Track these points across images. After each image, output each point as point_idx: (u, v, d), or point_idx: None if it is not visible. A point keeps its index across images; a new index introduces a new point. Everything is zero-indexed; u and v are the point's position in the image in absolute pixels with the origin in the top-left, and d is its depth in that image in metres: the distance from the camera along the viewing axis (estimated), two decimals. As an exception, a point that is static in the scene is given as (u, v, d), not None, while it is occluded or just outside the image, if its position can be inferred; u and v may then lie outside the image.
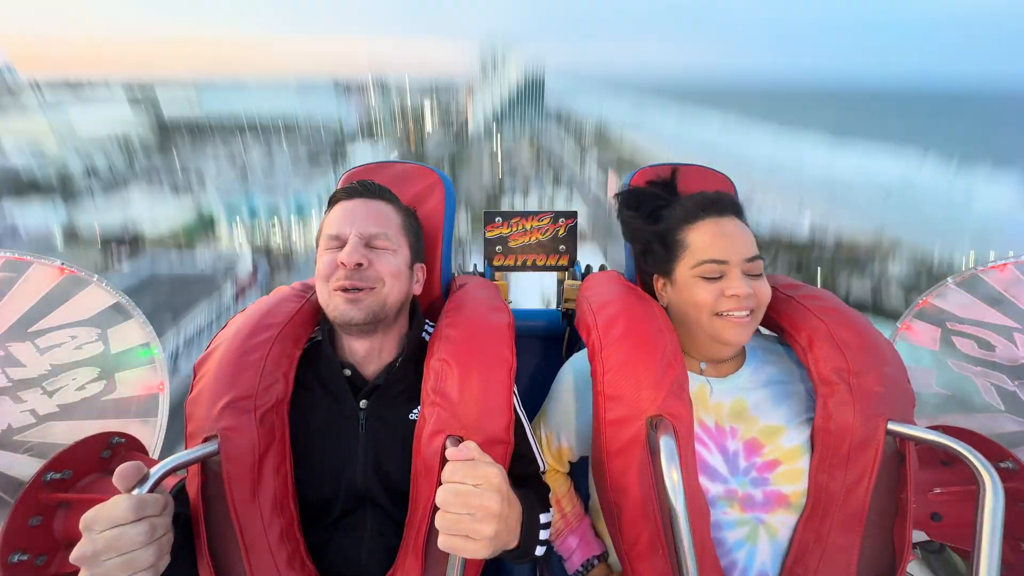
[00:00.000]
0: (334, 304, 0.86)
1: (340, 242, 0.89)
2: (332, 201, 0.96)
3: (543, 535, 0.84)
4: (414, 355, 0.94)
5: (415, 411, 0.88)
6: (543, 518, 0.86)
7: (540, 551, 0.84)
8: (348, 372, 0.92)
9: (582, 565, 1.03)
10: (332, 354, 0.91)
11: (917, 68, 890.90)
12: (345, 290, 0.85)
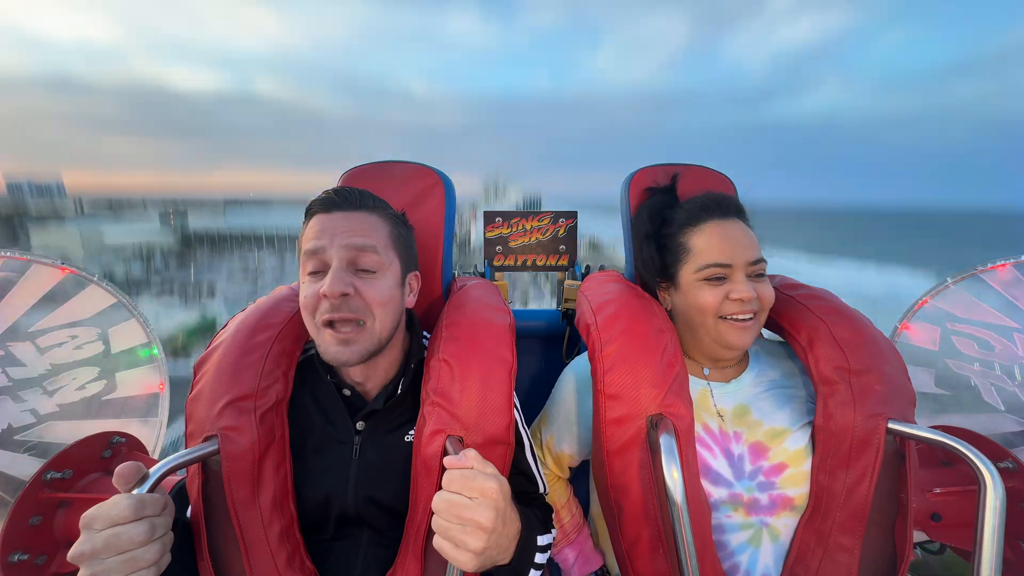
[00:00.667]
0: (325, 346, 0.80)
1: (320, 261, 0.80)
2: (308, 212, 0.85)
3: (539, 559, 0.82)
4: (414, 380, 0.90)
5: (411, 433, 0.86)
6: (542, 540, 0.84)
7: (535, 575, 0.81)
8: (347, 392, 0.89)
9: None
10: (326, 373, 0.88)
11: (894, 192, 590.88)
12: (332, 324, 0.79)
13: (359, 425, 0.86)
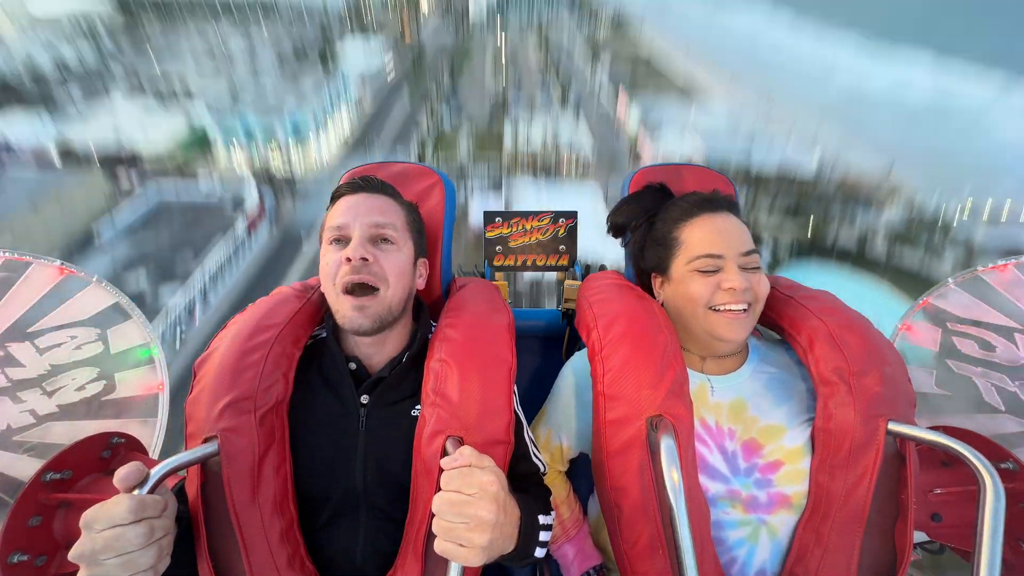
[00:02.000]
0: (343, 312, 0.87)
1: (343, 235, 0.89)
2: (335, 196, 0.96)
3: (543, 536, 0.84)
4: (420, 353, 0.94)
5: (417, 407, 0.88)
6: (543, 519, 0.86)
7: (540, 553, 0.83)
8: (353, 366, 0.92)
9: None
10: (337, 348, 0.91)
11: None
12: (351, 291, 0.86)
13: (364, 399, 0.89)
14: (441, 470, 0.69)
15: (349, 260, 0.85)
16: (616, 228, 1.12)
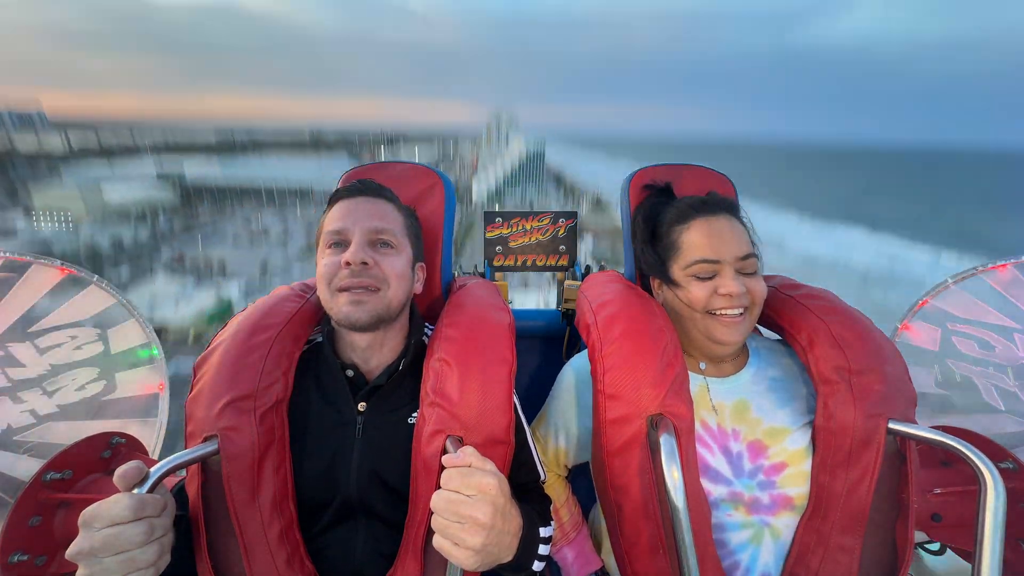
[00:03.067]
0: (338, 306, 0.86)
1: (342, 238, 0.88)
2: (333, 199, 0.95)
3: (543, 550, 0.83)
4: (415, 358, 0.93)
5: (414, 415, 0.88)
6: (543, 532, 0.85)
7: (539, 567, 0.82)
8: (350, 373, 0.91)
9: None
10: (333, 355, 0.91)
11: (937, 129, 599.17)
12: (349, 289, 0.85)
13: (361, 407, 0.88)
14: (442, 468, 0.69)
15: (348, 264, 0.84)
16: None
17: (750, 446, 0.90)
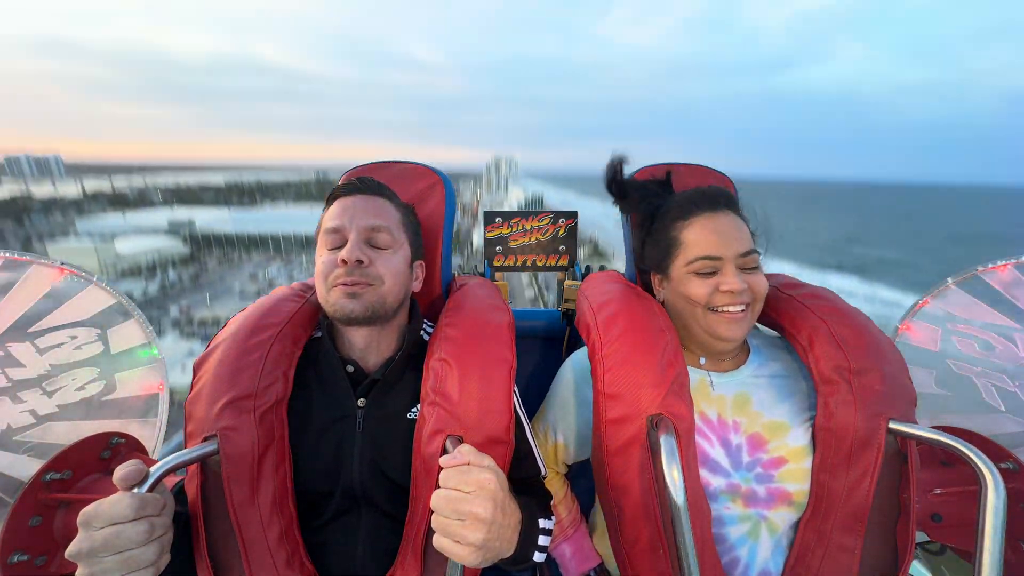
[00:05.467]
0: (333, 300, 0.86)
1: (340, 237, 0.89)
2: (331, 198, 0.95)
3: (543, 541, 0.83)
4: (413, 352, 0.94)
5: (414, 409, 0.88)
6: (543, 523, 0.85)
7: (539, 557, 0.82)
8: (351, 368, 0.92)
9: None
10: (333, 349, 0.91)
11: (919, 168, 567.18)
12: (345, 285, 0.85)
13: (360, 402, 0.88)
14: (440, 468, 0.69)
15: (345, 262, 0.85)
16: (619, 190, 1.05)
17: (750, 439, 0.90)
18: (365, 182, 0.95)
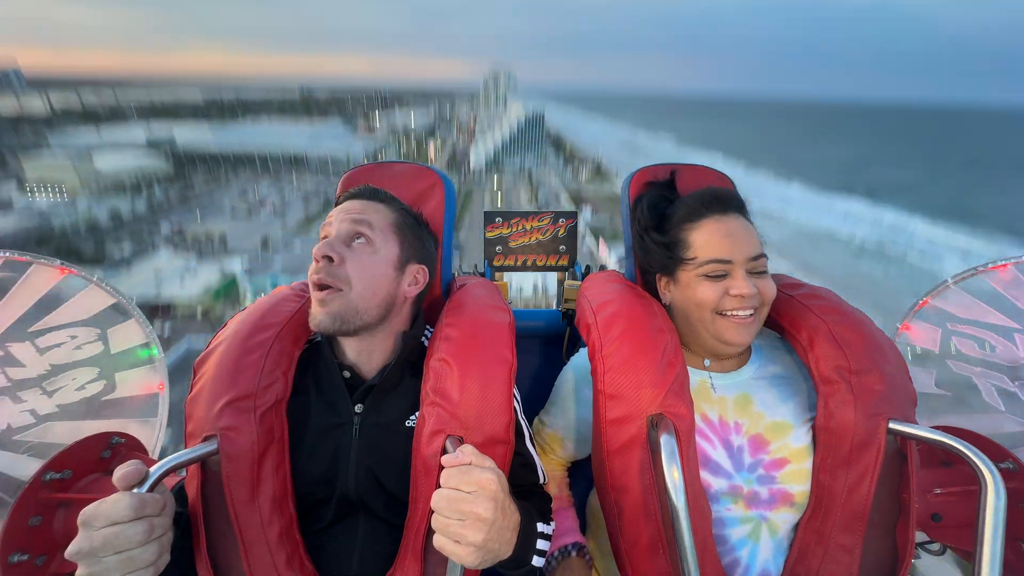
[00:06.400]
0: (310, 309, 0.87)
1: (327, 234, 0.91)
2: (338, 201, 0.98)
3: (541, 545, 0.83)
4: (411, 358, 0.93)
5: (413, 417, 0.87)
6: (542, 528, 0.85)
7: (538, 562, 0.82)
8: (347, 374, 0.91)
9: (557, 551, 1.00)
10: (331, 354, 0.91)
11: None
12: (318, 287, 0.86)
13: (358, 408, 0.88)
14: (441, 468, 0.69)
15: (317, 259, 0.86)
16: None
17: (751, 440, 0.90)
18: (367, 188, 0.97)
